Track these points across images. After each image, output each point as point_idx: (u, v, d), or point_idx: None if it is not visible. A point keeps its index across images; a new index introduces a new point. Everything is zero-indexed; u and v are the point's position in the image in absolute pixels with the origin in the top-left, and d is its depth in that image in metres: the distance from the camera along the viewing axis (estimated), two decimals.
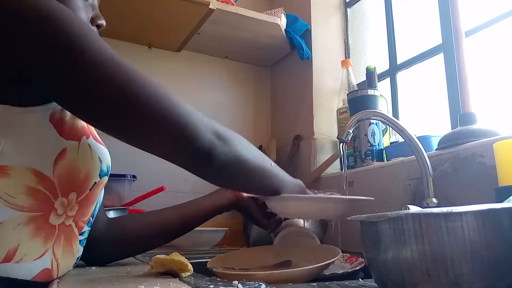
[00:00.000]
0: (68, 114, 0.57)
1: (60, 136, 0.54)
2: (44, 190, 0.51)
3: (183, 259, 0.62)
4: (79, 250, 0.61)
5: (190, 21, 1.31)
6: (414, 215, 0.41)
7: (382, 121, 0.99)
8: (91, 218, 0.64)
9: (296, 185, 0.72)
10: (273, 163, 0.68)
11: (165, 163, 0.55)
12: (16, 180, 0.49)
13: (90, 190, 0.59)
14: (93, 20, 0.62)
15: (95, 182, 0.60)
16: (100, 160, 0.61)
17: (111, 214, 0.93)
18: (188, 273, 0.61)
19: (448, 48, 1.05)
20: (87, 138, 0.59)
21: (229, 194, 0.80)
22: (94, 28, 0.62)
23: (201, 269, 0.69)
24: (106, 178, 0.63)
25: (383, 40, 1.30)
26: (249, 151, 0.60)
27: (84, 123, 0.60)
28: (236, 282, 0.52)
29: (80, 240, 0.61)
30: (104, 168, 0.63)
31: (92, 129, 0.64)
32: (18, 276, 0.49)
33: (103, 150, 0.64)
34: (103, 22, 0.63)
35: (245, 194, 0.80)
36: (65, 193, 0.54)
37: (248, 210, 0.80)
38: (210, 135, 0.52)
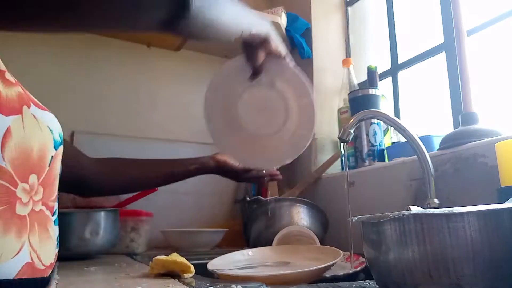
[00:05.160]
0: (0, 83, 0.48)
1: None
2: (0, 181, 0.46)
3: (184, 260, 0.62)
4: (55, 231, 0.57)
5: None
6: (415, 215, 0.41)
7: (383, 121, 0.99)
8: (57, 193, 0.59)
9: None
10: None
11: None
12: None
13: (49, 166, 0.53)
14: None
15: (52, 156, 0.53)
16: (51, 130, 0.54)
17: (102, 215, 0.92)
18: (190, 275, 0.61)
19: (450, 47, 1.05)
20: (29, 108, 0.50)
21: (215, 160, 1.01)
22: None
23: (200, 270, 0.68)
24: (61, 148, 0.57)
25: (385, 39, 1.29)
26: None
27: (20, 89, 0.51)
28: (235, 285, 0.51)
29: (54, 221, 0.57)
30: (57, 138, 0.55)
31: (30, 94, 0.54)
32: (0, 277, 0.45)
33: (50, 116, 0.55)
34: None
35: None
36: (23, 178, 0.48)
37: (231, 171, 1.01)
38: None
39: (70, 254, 0.86)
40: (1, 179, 0.46)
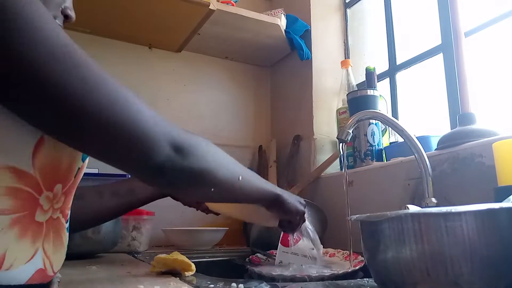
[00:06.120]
0: None
1: None
2: (26, 187, 0.46)
3: (185, 258, 0.63)
4: (67, 238, 0.57)
5: (191, 21, 1.31)
6: (413, 215, 0.42)
7: (381, 121, 0.99)
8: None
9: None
10: (250, 173, 0.66)
11: None
12: None
13: (74, 177, 0.54)
14: (63, 10, 0.56)
15: (79, 168, 0.54)
16: None
17: None
18: (190, 273, 0.62)
19: (448, 48, 1.05)
20: None
21: None
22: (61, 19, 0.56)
23: (201, 269, 0.69)
24: (87, 160, 0.58)
25: (383, 41, 1.30)
26: (217, 161, 0.57)
27: None
28: (236, 284, 0.52)
29: (66, 228, 0.57)
30: None
31: None
32: (11, 282, 0.45)
33: None
34: (72, 14, 0.57)
35: None
36: (49, 186, 0.49)
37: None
38: (167, 149, 0.49)
39: (72, 253, 0.85)
40: (27, 185, 0.46)
